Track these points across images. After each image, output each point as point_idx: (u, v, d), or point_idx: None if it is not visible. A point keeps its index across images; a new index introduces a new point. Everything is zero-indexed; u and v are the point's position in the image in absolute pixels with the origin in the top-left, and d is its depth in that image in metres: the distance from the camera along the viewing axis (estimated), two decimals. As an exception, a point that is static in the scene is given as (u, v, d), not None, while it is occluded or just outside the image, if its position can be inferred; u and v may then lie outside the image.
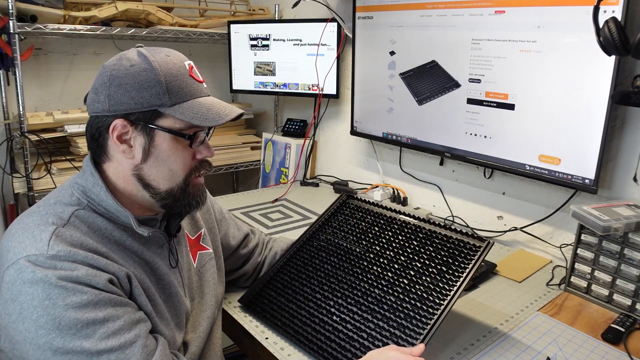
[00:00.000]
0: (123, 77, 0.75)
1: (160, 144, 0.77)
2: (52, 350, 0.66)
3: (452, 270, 0.94)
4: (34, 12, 1.70)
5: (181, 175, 0.81)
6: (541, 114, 1.29)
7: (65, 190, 0.80)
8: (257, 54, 2.14)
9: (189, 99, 0.78)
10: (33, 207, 0.79)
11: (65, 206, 0.77)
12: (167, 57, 0.78)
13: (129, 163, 0.78)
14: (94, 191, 0.78)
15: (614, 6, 1.10)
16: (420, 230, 1.05)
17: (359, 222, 1.14)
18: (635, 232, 1.06)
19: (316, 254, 1.11)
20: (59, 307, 0.66)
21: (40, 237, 0.70)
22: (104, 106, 0.76)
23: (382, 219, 1.12)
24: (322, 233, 1.16)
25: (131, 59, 0.77)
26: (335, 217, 1.20)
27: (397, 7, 1.62)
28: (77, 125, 1.82)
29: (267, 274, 1.12)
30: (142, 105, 0.75)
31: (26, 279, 0.67)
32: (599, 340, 0.99)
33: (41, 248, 0.69)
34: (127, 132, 0.76)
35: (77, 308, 0.67)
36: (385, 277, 0.99)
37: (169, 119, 0.77)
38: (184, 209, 0.84)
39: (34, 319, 0.66)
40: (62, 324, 0.66)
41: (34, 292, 0.66)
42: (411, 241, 1.04)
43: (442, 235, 1.02)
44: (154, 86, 0.75)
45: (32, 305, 0.66)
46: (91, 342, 0.67)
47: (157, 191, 0.80)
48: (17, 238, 0.72)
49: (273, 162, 2.27)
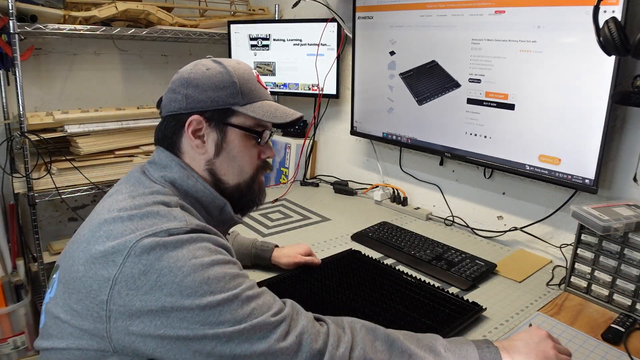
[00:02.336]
0: (200, 79, 0.82)
1: (232, 140, 0.84)
2: (201, 307, 0.65)
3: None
4: (34, 12, 1.70)
5: (249, 172, 0.87)
6: (541, 114, 1.29)
7: (151, 183, 0.80)
8: (257, 54, 2.14)
9: (258, 100, 0.85)
10: (122, 199, 0.76)
11: (165, 196, 0.77)
12: (238, 65, 0.87)
13: (202, 158, 0.84)
14: (188, 183, 0.82)
15: (614, 6, 1.10)
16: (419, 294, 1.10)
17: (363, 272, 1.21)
18: (635, 232, 1.06)
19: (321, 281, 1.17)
20: (206, 263, 0.68)
21: (173, 215, 0.72)
22: (182, 104, 0.82)
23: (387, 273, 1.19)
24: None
25: (206, 64, 0.84)
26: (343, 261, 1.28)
27: (397, 7, 1.62)
28: (77, 125, 1.82)
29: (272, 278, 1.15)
30: (217, 104, 0.82)
31: (169, 243, 0.67)
32: (599, 340, 0.99)
33: (180, 223, 0.71)
34: (202, 128, 0.82)
35: (222, 264, 0.70)
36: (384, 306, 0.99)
37: (240, 117, 0.84)
38: (248, 205, 0.91)
39: (177, 281, 0.65)
40: (210, 279, 0.67)
41: (177, 253, 0.67)
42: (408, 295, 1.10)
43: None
44: (229, 87, 0.82)
45: (177, 266, 0.66)
46: (240, 290, 0.69)
47: (226, 185, 0.86)
48: (140, 221, 0.70)
49: (273, 162, 2.27)
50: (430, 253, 1.34)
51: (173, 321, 0.65)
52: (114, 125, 1.90)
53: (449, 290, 1.13)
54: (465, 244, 1.46)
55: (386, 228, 1.52)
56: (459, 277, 1.22)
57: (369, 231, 1.50)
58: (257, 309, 0.69)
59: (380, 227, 1.53)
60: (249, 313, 0.68)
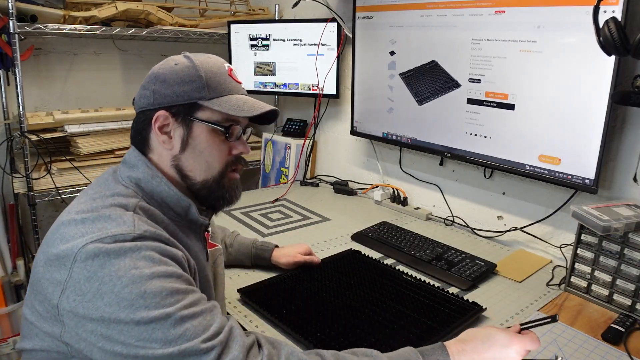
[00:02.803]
0: (167, 74, 0.81)
1: (198, 135, 0.82)
2: (135, 321, 0.65)
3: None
4: (34, 12, 1.70)
5: (217, 167, 0.84)
6: (541, 114, 1.29)
7: (116, 184, 0.80)
8: (257, 54, 2.14)
9: (226, 94, 0.83)
10: (84, 201, 0.77)
11: (125, 198, 0.77)
12: (209, 58, 0.85)
13: (168, 154, 0.82)
14: (153, 182, 0.80)
15: (614, 6, 1.10)
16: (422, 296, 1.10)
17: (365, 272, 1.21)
18: (635, 232, 1.06)
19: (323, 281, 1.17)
20: (146, 276, 0.66)
21: (122, 220, 0.71)
22: (149, 100, 0.81)
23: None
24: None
25: (176, 59, 0.83)
26: (343, 261, 1.28)
27: (397, 7, 1.62)
28: (77, 125, 1.82)
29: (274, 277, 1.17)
30: (183, 98, 0.80)
31: (112, 251, 0.66)
32: (599, 340, 0.99)
33: (127, 228, 0.69)
34: (168, 124, 0.81)
35: (162, 277, 0.68)
36: (384, 305, 0.99)
37: (207, 112, 0.82)
38: (218, 202, 0.87)
39: (116, 291, 0.65)
40: (147, 292, 0.66)
41: (119, 262, 0.66)
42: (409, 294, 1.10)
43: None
44: (195, 81, 0.80)
45: (117, 276, 0.65)
46: (174, 309, 0.67)
47: (193, 181, 0.83)
48: (91, 224, 0.70)
49: (273, 162, 2.27)
50: (430, 253, 1.34)
51: (112, 333, 0.65)
52: (114, 125, 1.90)
53: (449, 290, 1.13)
54: (465, 244, 1.46)
55: (386, 228, 1.52)
56: (459, 277, 1.22)
57: (369, 231, 1.50)
58: (190, 330, 0.66)
59: (380, 227, 1.53)
60: (180, 334, 0.66)
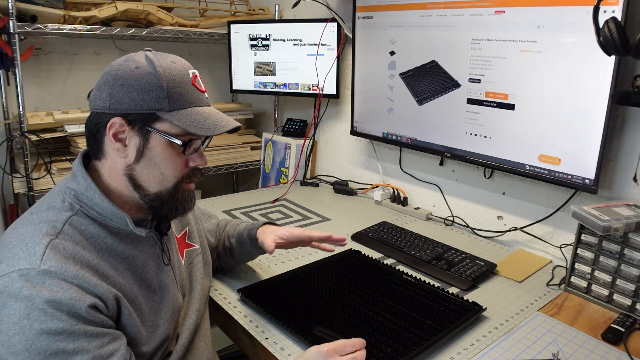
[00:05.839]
0: (127, 78, 0.77)
1: (155, 147, 0.79)
2: None
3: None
4: (34, 12, 1.70)
5: (172, 180, 0.82)
6: (541, 114, 1.29)
7: (56, 196, 0.80)
8: (257, 54, 2.14)
9: (188, 106, 0.79)
10: (26, 215, 0.78)
11: (58, 212, 0.76)
12: (173, 64, 0.80)
13: (122, 162, 0.80)
14: (87, 195, 0.78)
15: (614, 6, 1.10)
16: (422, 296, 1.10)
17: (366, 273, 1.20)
18: (635, 232, 1.06)
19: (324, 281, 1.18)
20: (35, 330, 0.66)
21: (34, 251, 0.70)
22: (105, 104, 0.77)
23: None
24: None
25: (137, 61, 0.78)
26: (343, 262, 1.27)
27: (397, 7, 1.62)
28: (77, 125, 1.82)
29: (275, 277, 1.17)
30: (142, 107, 0.77)
31: (13, 293, 0.67)
32: (599, 340, 0.99)
33: (34, 262, 0.69)
34: (124, 132, 0.78)
35: (51, 334, 0.67)
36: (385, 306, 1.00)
37: (165, 124, 0.78)
38: (170, 213, 0.85)
39: (9, 334, 0.66)
40: (32, 347, 0.66)
41: (16, 307, 0.66)
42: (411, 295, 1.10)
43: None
44: (156, 90, 0.77)
45: (12, 321, 0.66)
46: None
47: (146, 193, 0.81)
48: (12, 249, 0.71)
49: (273, 162, 2.27)
50: (430, 253, 1.34)
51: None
52: (114, 125, 1.90)
53: (449, 290, 1.13)
54: (465, 244, 1.46)
55: (386, 228, 1.52)
56: (459, 277, 1.22)
57: (369, 231, 1.50)
58: None
59: (380, 227, 1.53)
60: None
